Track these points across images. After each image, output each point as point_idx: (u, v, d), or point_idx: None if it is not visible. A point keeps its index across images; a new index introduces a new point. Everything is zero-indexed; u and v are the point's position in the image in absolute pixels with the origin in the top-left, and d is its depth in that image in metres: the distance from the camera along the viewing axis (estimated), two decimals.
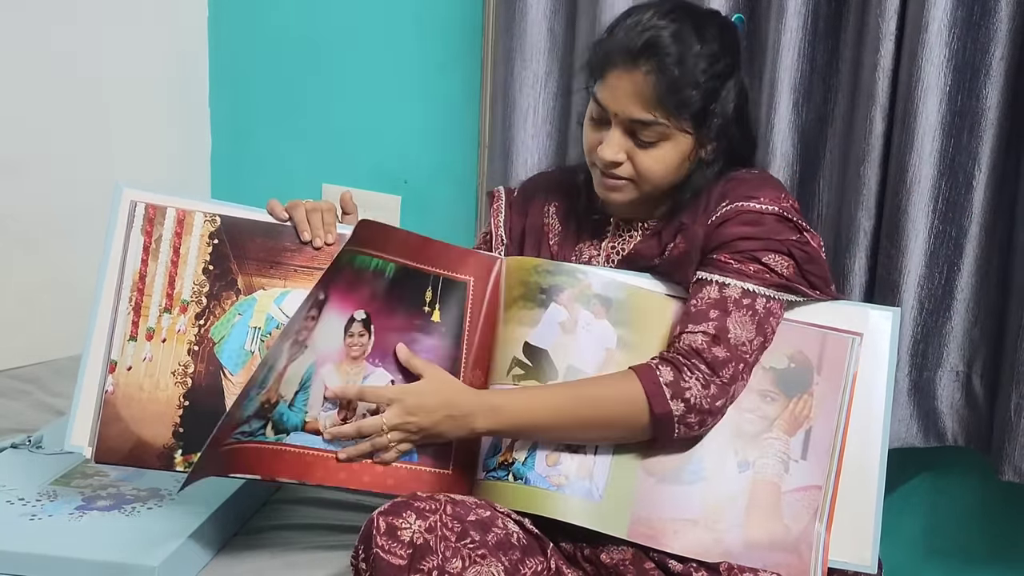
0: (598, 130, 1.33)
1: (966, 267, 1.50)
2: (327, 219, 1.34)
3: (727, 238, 1.29)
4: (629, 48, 1.28)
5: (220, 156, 2.28)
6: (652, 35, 1.27)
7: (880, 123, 1.48)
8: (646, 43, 1.27)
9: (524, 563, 1.18)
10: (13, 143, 1.95)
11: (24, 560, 1.24)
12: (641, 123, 1.29)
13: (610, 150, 1.31)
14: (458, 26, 1.98)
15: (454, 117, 2.02)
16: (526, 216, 1.48)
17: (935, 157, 1.46)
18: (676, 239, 1.34)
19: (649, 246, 1.36)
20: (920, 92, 1.43)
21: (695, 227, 1.32)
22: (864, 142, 1.49)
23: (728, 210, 1.30)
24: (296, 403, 1.28)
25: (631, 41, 1.28)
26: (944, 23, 1.42)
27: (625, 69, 1.28)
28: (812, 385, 1.29)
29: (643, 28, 1.28)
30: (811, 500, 1.26)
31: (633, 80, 1.27)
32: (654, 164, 1.31)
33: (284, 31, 2.16)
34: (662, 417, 1.22)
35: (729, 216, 1.30)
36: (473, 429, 1.25)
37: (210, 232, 1.33)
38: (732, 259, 1.28)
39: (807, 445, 1.28)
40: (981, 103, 1.45)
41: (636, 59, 1.27)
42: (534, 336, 1.29)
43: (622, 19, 1.33)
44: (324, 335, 1.28)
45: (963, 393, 1.54)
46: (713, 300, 1.27)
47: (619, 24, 1.32)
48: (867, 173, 1.50)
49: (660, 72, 1.26)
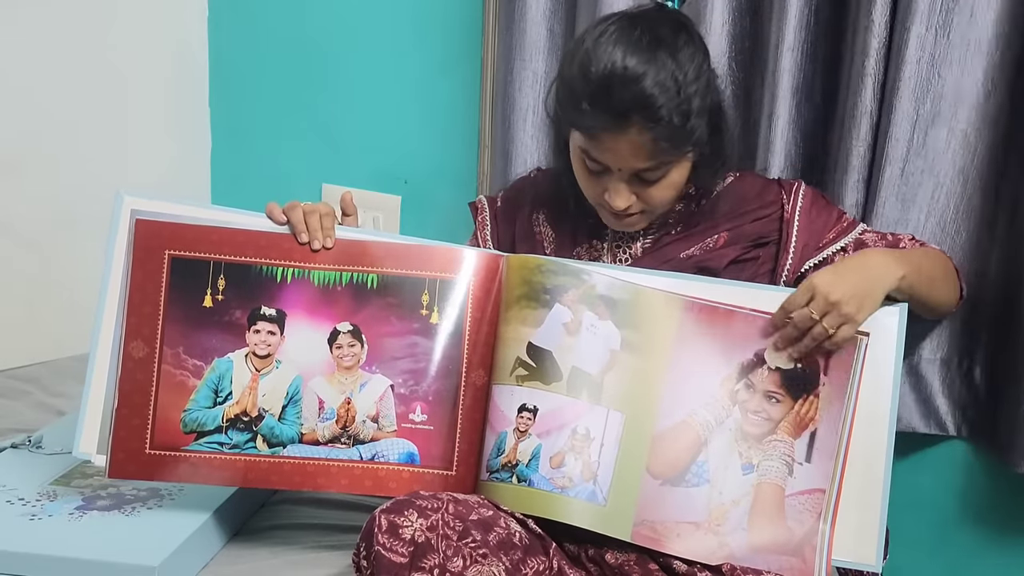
0: (597, 178, 1.31)
1: (966, 261, 1.50)
2: (325, 222, 1.32)
3: (823, 218, 1.41)
4: (617, 112, 1.22)
5: (220, 156, 2.27)
6: (634, 92, 1.21)
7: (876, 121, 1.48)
8: (632, 104, 1.22)
9: (526, 563, 1.18)
10: (13, 143, 1.95)
11: (24, 560, 1.23)
12: (646, 170, 1.29)
13: (620, 200, 1.30)
14: (458, 26, 1.98)
15: (454, 117, 2.02)
16: (514, 225, 1.48)
17: (935, 157, 1.47)
18: (714, 236, 1.39)
19: (683, 242, 1.39)
20: (918, 90, 1.43)
21: (743, 220, 1.40)
22: (865, 141, 1.49)
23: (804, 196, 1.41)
24: (287, 416, 1.31)
25: (615, 105, 1.22)
26: (937, 21, 1.42)
27: (619, 130, 1.24)
28: (818, 387, 1.29)
29: (621, 82, 1.21)
30: (815, 503, 1.26)
31: (629, 140, 1.24)
32: (665, 193, 1.32)
33: (284, 31, 2.16)
34: (959, 273, 1.43)
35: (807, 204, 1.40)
36: (892, 280, 1.27)
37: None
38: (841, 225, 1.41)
39: (812, 448, 1.28)
40: (982, 100, 1.45)
41: (627, 120, 1.23)
42: (537, 337, 1.28)
43: (590, 64, 1.24)
44: (301, 350, 1.31)
45: (964, 384, 1.54)
46: (877, 237, 1.40)
47: (589, 74, 1.23)
48: (867, 173, 1.50)
49: (656, 125, 1.23)
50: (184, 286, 1.31)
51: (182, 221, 1.31)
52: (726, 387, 1.29)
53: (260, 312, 1.31)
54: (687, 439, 1.27)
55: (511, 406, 1.27)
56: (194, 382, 1.30)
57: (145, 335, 1.30)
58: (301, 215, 1.32)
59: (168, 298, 1.30)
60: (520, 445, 1.26)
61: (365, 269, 1.32)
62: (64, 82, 2.00)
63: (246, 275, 1.31)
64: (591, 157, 1.29)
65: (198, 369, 1.31)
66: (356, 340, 1.32)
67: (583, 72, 1.25)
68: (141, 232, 1.30)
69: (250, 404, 1.31)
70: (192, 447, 1.30)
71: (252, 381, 1.31)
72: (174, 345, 1.30)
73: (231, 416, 1.31)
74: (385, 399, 1.32)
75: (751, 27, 1.62)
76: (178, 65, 2.20)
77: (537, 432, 1.26)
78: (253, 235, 1.32)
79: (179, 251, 1.31)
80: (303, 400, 1.31)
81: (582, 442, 1.26)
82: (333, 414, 1.31)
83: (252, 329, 1.31)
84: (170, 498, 1.39)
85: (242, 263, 1.31)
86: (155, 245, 1.31)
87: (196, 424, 1.30)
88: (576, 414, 1.26)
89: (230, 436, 1.30)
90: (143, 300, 1.30)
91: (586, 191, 1.36)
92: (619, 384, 1.27)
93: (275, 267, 1.32)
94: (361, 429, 1.31)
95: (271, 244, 1.32)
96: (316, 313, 1.31)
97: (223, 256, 1.31)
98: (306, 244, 1.32)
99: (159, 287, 1.30)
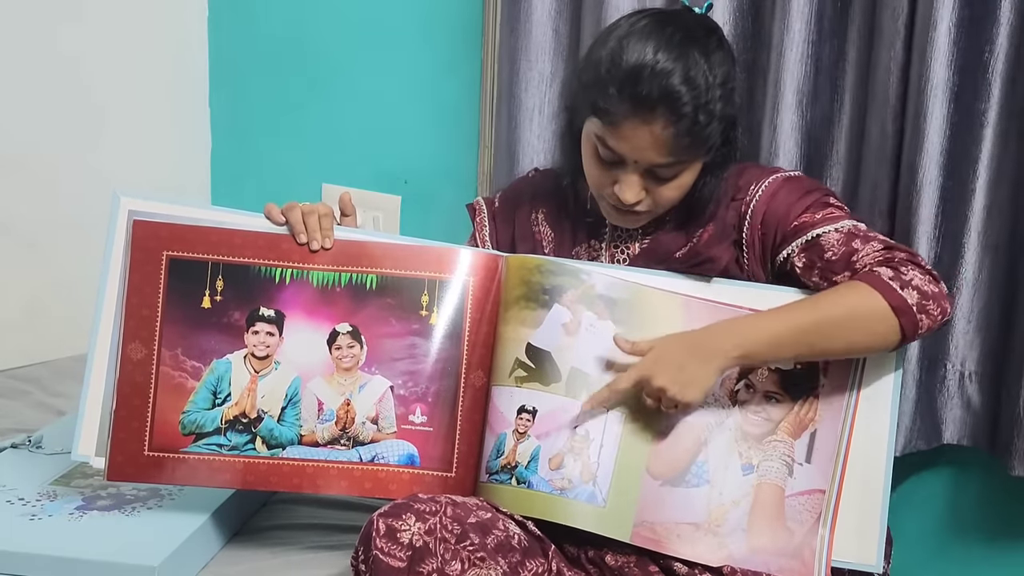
0: (608, 169, 1.29)
1: (969, 266, 1.49)
2: (324, 223, 1.32)
3: (791, 204, 1.32)
4: (643, 101, 1.21)
5: (220, 156, 2.27)
6: (664, 84, 1.21)
7: (891, 123, 1.48)
8: (660, 95, 1.21)
9: (524, 565, 1.18)
10: (12, 143, 1.95)
11: (24, 560, 1.24)
12: (662, 166, 1.27)
13: (631, 194, 1.28)
14: (458, 26, 1.98)
15: (454, 117, 2.02)
16: (513, 226, 1.48)
17: (944, 158, 1.46)
18: (702, 230, 1.35)
19: (675, 240, 1.37)
20: (929, 92, 1.43)
21: (724, 211, 1.34)
22: (873, 143, 1.49)
23: (769, 183, 1.33)
24: (286, 418, 1.31)
25: (644, 93, 1.21)
26: (952, 22, 1.41)
27: (642, 120, 1.23)
28: (818, 387, 1.29)
29: (651, 73, 1.21)
30: (814, 504, 1.26)
31: (651, 132, 1.23)
32: (673, 194, 1.31)
33: (284, 31, 2.16)
34: (900, 308, 1.21)
35: (774, 189, 1.33)
36: (724, 360, 1.22)
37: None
38: (814, 214, 1.31)
39: (812, 448, 1.28)
40: (986, 103, 1.44)
41: (652, 111, 1.22)
42: (536, 337, 1.28)
43: (622, 53, 1.24)
44: (300, 351, 1.31)
45: (964, 391, 1.54)
46: (841, 240, 1.28)
47: (620, 61, 1.23)
48: (878, 174, 1.50)
49: (679, 120, 1.22)
50: (182, 287, 1.30)
51: (180, 222, 1.31)
52: (726, 386, 1.29)
53: (259, 313, 1.31)
54: (687, 439, 1.27)
55: (510, 407, 1.27)
56: (192, 384, 1.30)
57: (143, 337, 1.30)
58: (300, 216, 1.32)
59: (166, 299, 1.30)
60: (519, 447, 1.26)
61: (364, 270, 1.32)
62: (64, 82, 2.00)
63: (244, 276, 1.31)
64: (607, 145, 1.27)
65: (196, 371, 1.30)
66: (355, 341, 1.32)
67: (613, 59, 1.24)
68: (139, 233, 1.30)
69: (249, 405, 1.31)
70: (191, 449, 1.30)
71: (251, 382, 1.31)
72: (172, 347, 1.30)
73: (230, 418, 1.31)
74: (384, 400, 1.32)
75: (752, 28, 1.61)
76: (178, 65, 2.21)
77: (536, 434, 1.26)
78: (251, 236, 1.31)
79: (177, 252, 1.30)
80: (302, 401, 1.31)
81: (581, 443, 1.26)
82: (332, 415, 1.31)
83: (251, 330, 1.31)
84: (170, 498, 1.39)
85: (240, 264, 1.31)
86: (153, 246, 1.30)
87: (195, 426, 1.30)
88: (575, 415, 1.26)
89: (229, 438, 1.30)
90: (141, 302, 1.30)
91: (593, 181, 1.33)
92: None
93: (274, 268, 1.31)
94: (360, 431, 1.31)
95: (270, 245, 1.32)
96: (315, 314, 1.31)
97: (221, 257, 1.31)
98: (305, 245, 1.31)
99: (157, 288, 1.30)
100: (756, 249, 1.34)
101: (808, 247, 1.30)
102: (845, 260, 1.27)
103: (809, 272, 1.30)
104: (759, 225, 1.33)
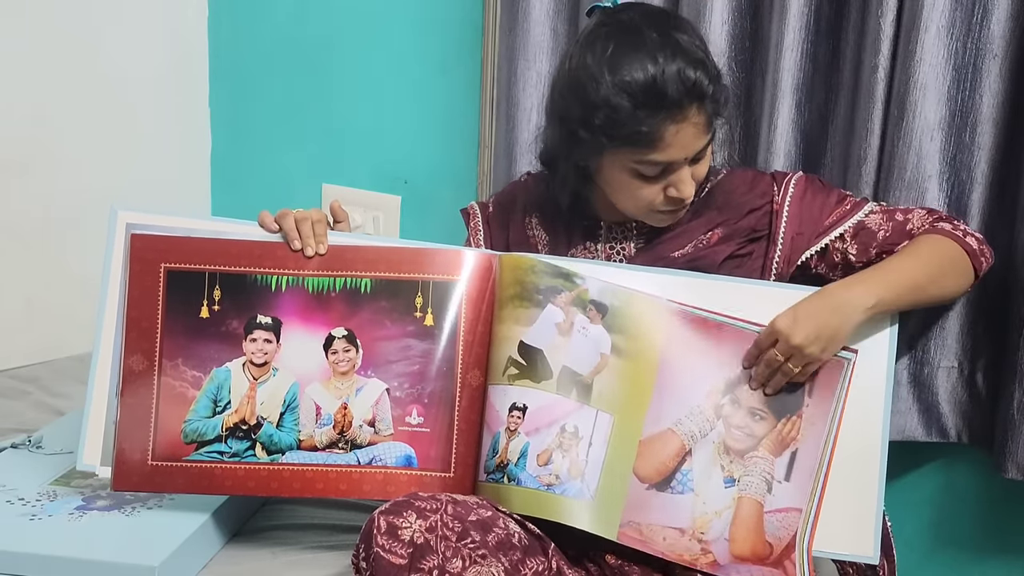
0: (655, 182, 1.31)
1: None
2: (317, 229, 1.33)
3: (822, 202, 1.39)
4: (675, 104, 1.25)
5: (220, 156, 2.27)
6: (681, 80, 1.25)
7: (879, 123, 1.48)
8: (685, 91, 1.25)
9: (525, 563, 1.18)
10: (13, 144, 1.95)
11: (24, 560, 1.24)
12: (705, 146, 1.31)
13: (690, 187, 1.32)
14: (458, 26, 1.98)
15: (454, 117, 2.02)
16: (507, 229, 1.48)
17: (936, 156, 1.46)
18: (707, 233, 1.39)
19: (674, 239, 1.39)
20: (918, 92, 1.43)
21: (737, 221, 1.39)
22: (864, 142, 1.49)
23: (796, 184, 1.40)
24: (285, 424, 1.32)
25: (670, 101, 1.25)
26: (943, 23, 1.41)
27: (680, 120, 1.26)
28: (802, 407, 1.29)
29: (664, 80, 1.24)
30: (791, 522, 1.27)
31: (691, 124, 1.27)
32: (705, 168, 1.35)
33: (284, 31, 2.16)
34: (972, 252, 1.35)
35: (802, 188, 1.40)
36: (862, 314, 1.27)
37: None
38: (843, 206, 1.39)
39: (792, 467, 1.28)
40: (981, 102, 1.45)
41: (685, 109, 1.26)
42: (529, 335, 1.29)
43: (623, 77, 1.25)
44: (298, 357, 1.32)
45: (965, 389, 1.54)
46: (882, 217, 1.38)
47: (629, 86, 1.25)
48: (868, 172, 1.50)
49: (704, 100, 1.27)
50: (181, 298, 1.32)
51: (176, 234, 1.33)
52: (711, 400, 1.29)
53: (256, 321, 1.32)
54: (673, 447, 1.28)
55: (504, 406, 1.28)
56: (193, 393, 1.31)
57: (144, 349, 1.31)
58: (293, 223, 1.33)
59: (165, 311, 1.31)
60: (511, 444, 1.27)
61: (358, 274, 1.33)
62: (64, 82, 2.00)
63: (241, 285, 1.32)
64: (652, 163, 1.28)
65: (197, 380, 1.32)
66: (351, 345, 1.32)
67: (620, 88, 1.25)
68: (137, 246, 1.32)
69: (248, 412, 1.32)
70: (193, 457, 1.31)
71: (250, 389, 1.32)
72: (173, 357, 1.31)
73: (230, 425, 1.32)
74: (381, 403, 1.32)
75: (751, 27, 1.61)
76: (178, 65, 2.21)
77: (525, 430, 1.26)
78: (247, 245, 1.32)
79: (174, 264, 1.31)
80: (300, 407, 1.32)
81: (570, 439, 1.26)
82: (330, 420, 1.32)
83: (248, 338, 1.32)
84: (170, 498, 1.39)
85: (237, 273, 1.32)
86: (151, 259, 1.32)
87: (196, 434, 1.31)
88: (565, 411, 1.27)
89: (229, 445, 1.31)
90: (141, 314, 1.31)
91: (640, 202, 1.34)
92: (608, 387, 1.28)
93: (269, 276, 1.32)
94: (358, 434, 1.32)
95: (265, 253, 1.33)
96: (311, 320, 1.32)
97: (218, 267, 1.32)
98: (299, 251, 1.32)
99: (156, 301, 1.31)
100: (786, 247, 1.38)
101: (856, 233, 1.37)
102: (900, 231, 1.37)
103: (864, 254, 1.37)
104: (796, 223, 1.38)
